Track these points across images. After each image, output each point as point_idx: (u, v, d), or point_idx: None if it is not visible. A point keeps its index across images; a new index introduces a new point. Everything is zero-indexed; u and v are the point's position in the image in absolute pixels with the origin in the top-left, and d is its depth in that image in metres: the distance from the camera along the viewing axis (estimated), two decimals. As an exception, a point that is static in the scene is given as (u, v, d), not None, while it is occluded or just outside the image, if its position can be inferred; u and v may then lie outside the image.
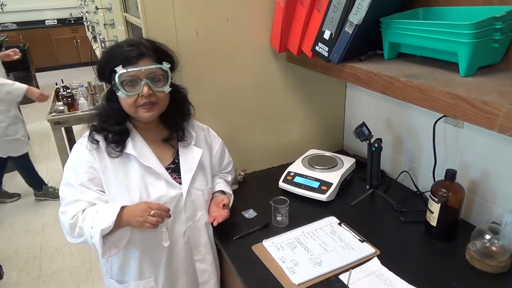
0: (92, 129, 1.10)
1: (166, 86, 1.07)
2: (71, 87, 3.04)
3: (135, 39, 1.09)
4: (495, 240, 1.03)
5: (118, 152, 1.08)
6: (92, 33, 4.40)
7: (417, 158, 1.41)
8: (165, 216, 1.03)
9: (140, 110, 1.06)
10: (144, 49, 1.03)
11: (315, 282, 1.02)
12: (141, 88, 1.02)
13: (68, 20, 7.66)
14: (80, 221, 1.02)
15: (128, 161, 1.10)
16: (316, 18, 1.19)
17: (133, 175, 1.09)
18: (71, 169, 1.08)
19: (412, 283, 0.99)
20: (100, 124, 1.09)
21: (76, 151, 1.10)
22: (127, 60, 1.01)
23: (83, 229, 1.01)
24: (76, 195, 1.05)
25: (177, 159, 1.17)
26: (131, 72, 1.01)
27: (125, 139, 1.10)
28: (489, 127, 0.76)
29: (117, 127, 1.09)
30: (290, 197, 1.28)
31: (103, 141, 1.08)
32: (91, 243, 1.01)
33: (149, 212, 1.00)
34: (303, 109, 1.66)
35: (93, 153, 1.08)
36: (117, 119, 1.09)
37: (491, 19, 0.82)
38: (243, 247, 1.18)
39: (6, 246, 2.69)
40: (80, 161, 1.08)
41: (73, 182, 1.06)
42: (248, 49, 1.46)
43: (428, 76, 0.93)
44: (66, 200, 1.06)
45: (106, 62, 1.04)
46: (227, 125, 1.53)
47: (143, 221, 1.00)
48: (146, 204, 1.02)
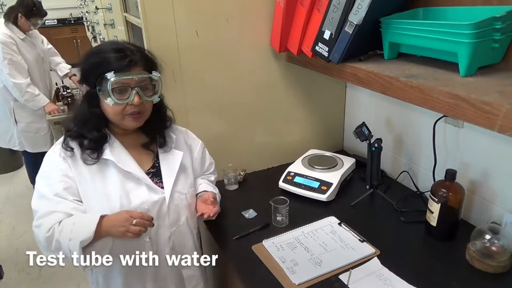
0: (67, 135, 1.04)
1: (155, 96, 1.05)
2: (71, 87, 3.04)
3: (123, 43, 1.05)
4: (495, 240, 1.03)
5: (94, 159, 1.03)
6: (92, 33, 4.40)
7: (417, 158, 1.41)
8: (148, 225, 0.97)
9: (127, 119, 1.03)
10: (136, 57, 1.00)
11: (315, 282, 1.02)
12: (132, 97, 0.99)
13: (68, 20, 7.65)
14: (56, 233, 0.95)
15: (106, 168, 1.05)
16: (316, 18, 1.19)
17: (112, 182, 1.04)
18: (44, 178, 1.03)
19: (412, 283, 0.99)
20: (77, 130, 1.04)
21: (48, 159, 1.05)
22: (119, 67, 0.98)
23: (60, 242, 0.95)
24: (51, 207, 0.98)
25: (157, 163, 1.13)
26: (123, 79, 0.98)
27: (103, 145, 1.05)
28: (489, 127, 0.76)
29: (96, 133, 1.04)
30: (290, 197, 1.28)
31: (78, 148, 1.03)
32: (70, 257, 0.95)
33: (131, 221, 0.94)
34: (303, 109, 1.66)
35: (68, 161, 1.02)
36: (97, 125, 1.04)
37: (491, 19, 0.82)
38: (243, 247, 1.18)
39: (6, 246, 2.69)
40: (53, 170, 1.02)
41: (47, 193, 1.00)
42: (248, 49, 1.46)
43: (428, 76, 0.93)
44: (40, 213, 0.99)
45: (94, 67, 1.00)
46: (227, 125, 1.53)
47: (125, 231, 0.94)
48: (127, 213, 0.96)
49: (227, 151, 1.55)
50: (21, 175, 3.60)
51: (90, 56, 1.02)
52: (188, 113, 1.44)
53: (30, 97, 2.66)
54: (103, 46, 1.05)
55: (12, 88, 2.61)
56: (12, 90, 2.63)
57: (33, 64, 2.74)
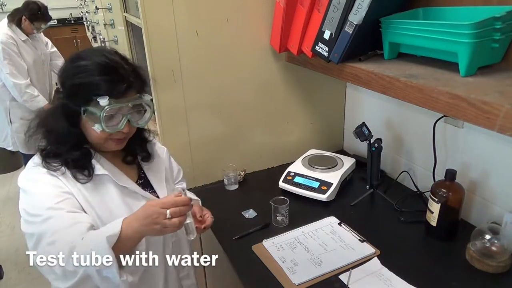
0: (43, 155, 0.90)
1: (143, 121, 0.96)
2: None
3: (110, 56, 0.90)
4: (495, 240, 1.03)
5: (87, 176, 0.91)
6: (92, 33, 4.39)
7: (417, 158, 1.41)
8: (186, 210, 0.83)
9: (110, 143, 0.94)
10: (131, 78, 0.90)
11: (315, 282, 1.02)
12: (122, 126, 0.90)
13: (68, 20, 7.64)
14: (78, 247, 0.79)
15: (101, 184, 0.94)
16: (316, 18, 1.19)
17: (112, 198, 0.95)
18: (43, 201, 0.85)
19: (412, 283, 0.99)
20: (54, 149, 0.91)
21: (32, 184, 0.88)
22: (115, 92, 0.86)
23: (82, 256, 0.78)
24: (68, 220, 0.83)
25: (143, 173, 1.07)
26: (117, 106, 0.87)
27: (89, 161, 0.93)
28: (489, 127, 0.76)
29: (76, 152, 0.91)
30: (290, 197, 1.28)
31: (64, 166, 0.90)
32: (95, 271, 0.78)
33: (164, 214, 0.80)
34: (303, 109, 1.66)
35: (59, 178, 0.89)
36: (75, 144, 0.92)
37: (491, 19, 0.82)
38: (243, 247, 1.18)
39: (6, 246, 2.69)
40: (47, 190, 0.87)
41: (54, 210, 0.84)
42: (248, 49, 1.46)
43: (428, 76, 0.93)
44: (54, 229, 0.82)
45: (83, 87, 0.86)
46: (227, 125, 1.53)
47: (162, 228, 0.81)
48: (156, 205, 0.81)
49: (227, 151, 1.55)
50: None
51: (77, 71, 0.87)
52: (188, 113, 1.44)
53: (29, 97, 2.67)
54: (90, 61, 0.87)
55: (12, 87, 2.62)
56: (11, 90, 2.64)
57: (32, 66, 2.75)
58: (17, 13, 2.67)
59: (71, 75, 0.88)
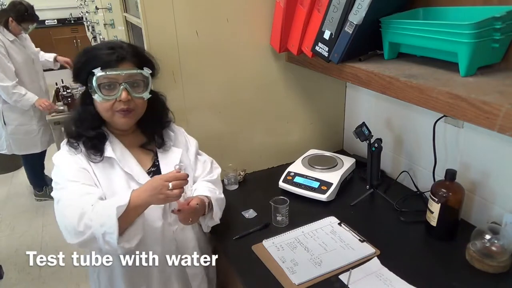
0: (68, 136, 1.05)
1: (145, 92, 1.04)
2: (71, 87, 3.04)
3: (116, 42, 1.05)
4: (495, 240, 1.03)
5: (99, 157, 1.03)
6: (92, 33, 4.40)
7: (417, 158, 1.41)
8: (184, 183, 0.97)
9: (117, 116, 1.02)
10: (125, 53, 1.00)
11: (315, 282, 1.02)
12: (119, 93, 0.99)
13: (68, 20, 7.65)
14: (89, 211, 0.93)
15: (110, 167, 1.05)
16: (316, 18, 1.19)
17: (117, 181, 1.05)
18: (62, 173, 1.02)
19: (412, 283, 0.99)
20: (75, 129, 1.04)
21: (59, 160, 1.04)
22: (107, 63, 0.98)
23: (92, 219, 0.92)
24: (82, 190, 0.98)
25: (157, 161, 1.13)
26: (110, 75, 0.98)
27: (103, 144, 1.05)
28: (489, 127, 0.76)
29: (92, 132, 1.04)
30: (290, 197, 1.28)
31: (83, 147, 1.04)
32: (100, 234, 0.92)
33: (167, 186, 0.94)
34: (303, 109, 1.66)
35: (78, 157, 1.03)
36: (92, 123, 1.04)
37: (491, 19, 0.82)
38: (243, 247, 1.18)
39: (6, 246, 2.69)
40: (68, 164, 1.02)
41: (70, 182, 0.99)
42: (248, 49, 1.46)
43: (428, 76, 0.93)
44: (68, 196, 0.98)
45: (84, 64, 1.00)
46: (227, 125, 1.53)
47: (165, 198, 0.95)
48: (161, 179, 0.95)
49: (227, 151, 1.55)
50: (21, 175, 3.60)
51: (82, 54, 1.03)
52: (188, 113, 1.44)
53: (18, 97, 2.65)
54: (96, 45, 1.06)
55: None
56: (1, 93, 2.63)
57: (23, 66, 2.73)
58: (4, 14, 2.65)
59: (77, 57, 1.03)
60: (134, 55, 1.02)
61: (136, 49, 1.05)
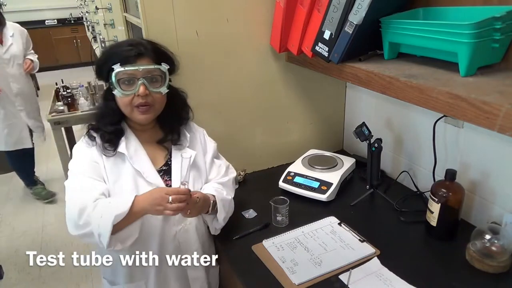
0: (89, 128, 1.10)
1: (163, 87, 1.06)
2: (71, 87, 3.03)
3: (136, 39, 1.08)
4: (495, 240, 1.03)
5: (112, 151, 1.07)
6: (92, 33, 4.40)
7: (417, 158, 1.41)
8: (184, 199, 0.97)
9: (136, 111, 1.05)
10: (143, 49, 1.03)
11: (315, 282, 1.02)
12: (138, 88, 1.01)
13: (68, 20, 7.65)
14: (90, 208, 0.97)
15: (121, 162, 1.08)
16: (316, 18, 1.19)
17: (125, 177, 1.07)
18: (76, 163, 1.07)
19: (412, 283, 0.99)
20: (96, 123, 1.09)
21: (76, 150, 1.10)
22: (125, 58, 1.01)
23: (91, 217, 0.96)
24: (87, 185, 1.02)
25: (170, 161, 1.14)
26: (129, 70, 1.00)
27: (119, 139, 1.08)
28: (489, 127, 0.76)
29: (111, 127, 1.07)
30: (290, 197, 1.28)
31: (100, 140, 1.08)
32: (96, 233, 0.96)
33: (167, 199, 0.96)
34: (303, 109, 1.66)
35: (94, 150, 1.07)
36: (112, 118, 1.08)
37: (491, 19, 0.82)
38: (243, 247, 1.18)
39: (6, 246, 2.69)
40: (83, 156, 1.07)
41: (80, 175, 1.04)
42: (248, 49, 1.46)
43: (428, 76, 0.93)
44: (75, 188, 1.03)
45: (105, 61, 1.04)
46: (227, 125, 1.53)
47: (163, 210, 0.97)
48: (161, 191, 0.98)
49: (227, 151, 1.54)
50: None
51: (104, 52, 1.08)
52: (188, 113, 1.44)
53: None
54: (118, 42, 1.10)
55: None
56: None
57: None
58: None
59: (101, 55, 1.08)
60: (152, 51, 1.04)
61: (155, 45, 1.07)
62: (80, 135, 1.14)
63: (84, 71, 6.65)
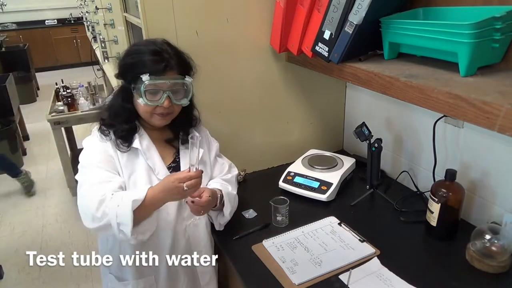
0: (101, 124, 1.11)
1: (185, 99, 1.10)
2: (71, 87, 3.04)
3: (159, 44, 1.08)
4: (495, 240, 1.03)
5: (126, 147, 1.09)
6: (92, 33, 4.40)
7: (417, 158, 1.41)
8: (199, 181, 1.01)
9: (155, 117, 1.09)
10: (172, 61, 1.05)
11: (315, 282, 1.02)
12: (163, 100, 1.05)
13: (68, 20, 7.65)
14: (107, 199, 0.99)
15: (135, 158, 1.11)
16: (316, 18, 1.19)
17: (139, 172, 1.10)
18: (89, 157, 1.08)
19: (412, 283, 0.99)
20: (109, 120, 1.11)
21: (89, 143, 1.11)
22: (154, 70, 1.03)
23: (109, 208, 0.97)
24: (103, 178, 1.04)
25: (178, 158, 1.18)
26: (158, 83, 1.04)
27: (133, 135, 1.11)
28: (489, 127, 0.76)
29: (126, 126, 1.10)
30: (290, 197, 1.28)
31: (113, 135, 1.10)
32: (115, 224, 0.97)
33: (182, 187, 0.98)
34: (303, 109, 1.66)
35: (109, 145, 1.09)
36: (128, 118, 1.11)
37: (491, 19, 0.82)
38: (243, 247, 1.18)
39: (6, 246, 2.69)
40: (96, 150, 1.09)
41: (95, 168, 1.05)
42: (248, 49, 1.46)
43: (428, 76, 0.93)
44: (91, 181, 1.03)
45: (130, 66, 1.06)
46: (227, 125, 1.53)
47: (181, 197, 1.03)
48: (175, 180, 0.98)
49: (227, 151, 1.54)
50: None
51: (129, 54, 1.08)
52: (188, 113, 1.43)
53: None
54: (142, 47, 1.09)
55: None
56: None
57: None
58: None
59: (124, 57, 1.09)
60: (178, 63, 1.07)
61: (180, 55, 1.09)
62: (80, 135, 1.14)
63: (84, 71, 6.65)
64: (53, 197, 3.27)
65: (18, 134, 3.85)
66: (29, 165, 3.77)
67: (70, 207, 3.07)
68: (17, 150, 3.73)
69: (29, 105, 5.44)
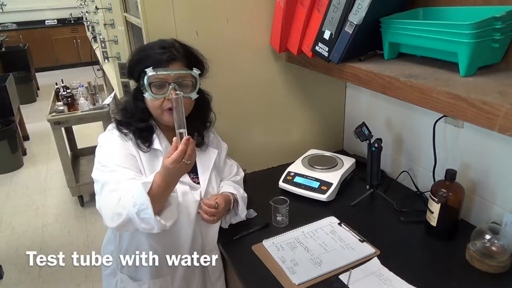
0: (117, 123, 1.10)
1: (193, 92, 1.08)
2: (71, 87, 3.04)
3: (168, 41, 1.08)
4: (495, 240, 1.03)
5: (147, 147, 1.09)
6: (92, 33, 4.40)
7: (417, 158, 1.41)
8: (193, 148, 0.97)
9: (165, 114, 1.07)
10: (176, 53, 1.04)
11: (315, 282, 1.02)
12: (168, 92, 1.03)
13: (68, 20, 7.66)
14: (123, 197, 0.98)
15: (155, 158, 1.10)
16: (316, 18, 1.19)
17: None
18: (109, 154, 1.05)
19: (412, 283, 0.99)
20: (125, 120, 1.10)
21: (107, 140, 1.09)
22: (158, 62, 1.02)
23: (125, 201, 0.96)
24: (129, 175, 1.02)
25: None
26: (161, 75, 1.02)
27: (151, 135, 1.11)
28: (489, 127, 0.76)
29: (142, 124, 1.09)
30: (290, 197, 1.28)
31: (132, 135, 1.09)
32: (134, 214, 0.94)
33: (183, 165, 0.95)
34: (303, 109, 1.66)
35: (130, 144, 1.08)
36: (142, 117, 1.10)
37: (491, 19, 0.82)
38: (243, 247, 1.18)
39: (6, 246, 2.69)
40: (116, 147, 1.06)
41: (118, 166, 1.03)
42: (248, 49, 1.46)
43: (428, 76, 0.93)
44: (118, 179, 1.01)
45: (137, 62, 1.05)
46: (227, 125, 1.53)
47: (188, 170, 0.99)
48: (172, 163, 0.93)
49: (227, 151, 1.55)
50: (21, 175, 3.61)
51: (137, 52, 1.09)
52: (188, 113, 1.44)
53: None
54: (151, 43, 1.10)
55: None
56: None
57: None
58: None
59: (131, 56, 1.09)
60: (184, 55, 1.06)
61: (187, 49, 1.08)
62: (80, 135, 1.14)
63: (84, 71, 6.65)
64: (53, 197, 3.27)
65: (18, 134, 3.85)
66: (29, 165, 3.78)
67: (70, 207, 3.07)
68: (17, 150, 3.74)
69: (29, 105, 5.45)
